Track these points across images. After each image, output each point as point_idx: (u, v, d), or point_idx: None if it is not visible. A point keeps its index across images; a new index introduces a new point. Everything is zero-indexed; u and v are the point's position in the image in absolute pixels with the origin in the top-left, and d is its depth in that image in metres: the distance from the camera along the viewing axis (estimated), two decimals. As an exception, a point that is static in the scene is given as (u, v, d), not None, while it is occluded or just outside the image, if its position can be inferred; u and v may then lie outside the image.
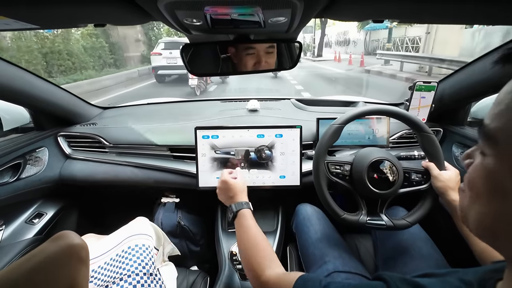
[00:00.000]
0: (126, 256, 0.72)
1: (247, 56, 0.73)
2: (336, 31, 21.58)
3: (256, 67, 0.75)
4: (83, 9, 0.47)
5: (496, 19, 0.62)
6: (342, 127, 0.77)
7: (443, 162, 0.75)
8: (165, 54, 7.95)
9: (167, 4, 0.40)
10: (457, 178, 0.72)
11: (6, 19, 0.46)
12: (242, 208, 0.70)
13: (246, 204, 0.71)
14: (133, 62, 11.98)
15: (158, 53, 8.02)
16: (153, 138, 1.09)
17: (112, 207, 1.40)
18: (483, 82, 0.89)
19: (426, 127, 0.75)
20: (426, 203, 0.76)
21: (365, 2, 0.45)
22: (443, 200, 0.71)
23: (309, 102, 1.35)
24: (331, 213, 0.76)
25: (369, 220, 0.75)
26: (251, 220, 0.67)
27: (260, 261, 0.57)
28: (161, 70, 8.09)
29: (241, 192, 0.75)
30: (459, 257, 0.78)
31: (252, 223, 0.66)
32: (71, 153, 1.14)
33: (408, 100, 1.09)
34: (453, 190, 0.69)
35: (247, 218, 0.67)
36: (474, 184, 0.29)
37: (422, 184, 0.76)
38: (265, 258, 0.57)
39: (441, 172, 0.72)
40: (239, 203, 0.71)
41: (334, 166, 0.78)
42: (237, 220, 0.69)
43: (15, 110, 1.07)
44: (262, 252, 0.59)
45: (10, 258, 0.90)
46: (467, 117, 1.08)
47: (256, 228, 0.65)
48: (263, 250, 0.60)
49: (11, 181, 0.94)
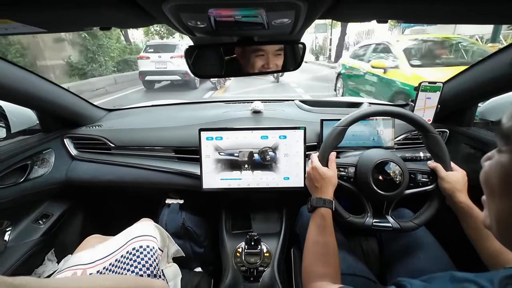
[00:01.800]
0: (131, 257, 0.72)
1: (257, 57, 0.73)
2: (356, 30, 17.23)
3: (263, 69, 0.75)
4: (89, 12, 0.47)
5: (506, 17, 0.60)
6: (345, 129, 0.76)
7: (450, 163, 0.74)
8: (154, 57, 7.29)
9: (172, 7, 0.40)
10: (465, 179, 0.70)
11: (15, 23, 0.47)
12: (321, 206, 0.65)
13: (329, 202, 0.66)
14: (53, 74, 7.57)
15: (145, 57, 7.37)
16: (157, 140, 1.10)
17: (117, 208, 1.41)
18: (490, 82, 0.87)
19: (431, 127, 0.74)
20: (432, 205, 0.75)
21: (369, 2, 0.45)
22: (450, 202, 0.70)
23: (313, 103, 1.35)
24: (336, 216, 0.76)
25: (375, 222, 0.74)
26: (328, 223, 0.63)
27: (325, 272, 0.55)
28: (149, 76, 7.42)
29: (328, 185, 0.69)
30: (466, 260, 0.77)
31: (329, 227, 0.63)
32: (77, 154, 1.15)
33: (413, 100, 1.09)
34: (460, 192, 0.67)
35: (326, 219, 0.63)
36: (489, 180, 0.30)
37: (428, 185, 0.75)
38: (330, 270, 0.56)
39: (448, 173, 0.71)
40: (319, 199, 0.66)
41: (339, 169, 0.77)
42: (314, 217, 0.66)
43: (23, 112, 1.09)
44: (330, 264, 0.57)
45: (17, 258, 0.91)
46: (474, 118, 1.07)
47: (331, 234, 0.62)
48: (332, 262, 0.58)
49: (19, 182, 0.95)
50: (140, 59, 7.53)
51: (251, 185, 0.96)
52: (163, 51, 7.32)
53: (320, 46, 16.18)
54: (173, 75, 7.27)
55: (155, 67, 7.27)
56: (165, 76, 7.44)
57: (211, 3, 0.41)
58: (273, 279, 0.86)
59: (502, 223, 0.29)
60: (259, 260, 0.89)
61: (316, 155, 0.75)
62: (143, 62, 7.40)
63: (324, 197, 0.67)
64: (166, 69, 7.23)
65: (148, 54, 7.42)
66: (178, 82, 7.58)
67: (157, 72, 7.32)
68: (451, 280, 0.36)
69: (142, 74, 7.42)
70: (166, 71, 7.26)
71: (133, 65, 9.93)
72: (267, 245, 0.95)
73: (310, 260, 0.59)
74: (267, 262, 0.90)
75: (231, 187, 0.97)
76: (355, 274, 0.72)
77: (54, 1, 0.41)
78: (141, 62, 7.45)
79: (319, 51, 15.94)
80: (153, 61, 7.28)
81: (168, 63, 7.22)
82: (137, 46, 12.38)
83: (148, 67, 7.31)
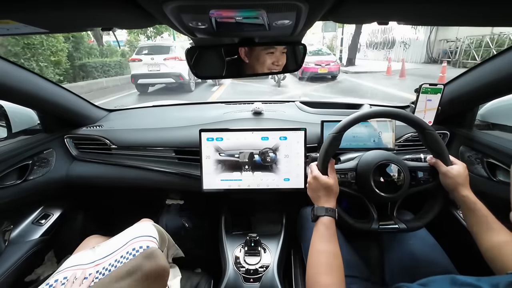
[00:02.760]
0: (130, 258, 0.72)
1: (267, 55, 0.74)
2: (370, 29, 15.25)
3: (273, 66, 0.76)
4: (91, 13, 0.47)
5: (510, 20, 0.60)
6: (340, 135, 0.75)
7: (449, 157, 0.73)
8: (146, 60, 6.93)
9: (173, 8, 0.40)
10: (466, 172, 0.70)
11: (17, 23, 0.47)
12: (323, 215, 0.65)
13: (331, 211, 0.65)
14: None
15: (137, 59, 7.00)
16: (158, 140, 1.10)
17: (117, 208, 1.41)
18: (491, 85, 0.87)
19: (426, 124, 0.74)
20: (436, 202, 0.75)
21: (371, 4, 0.45)
22: (454, 197, 0.70)
23: (314, 104, 1.35)
24: (341, 222, 0.75)
25: (381, 225, 0.74)
26: (332, 231, 0.63)
27: (330, 283, 0.54)
28: (142, 79, 7.03)
29: (329, 193, 0.68)
30: (467, 263, 0.76)
31: (332, 236, 0.62)
32: (78, 154, 1.15)
33: (414, 102, 1.08)
34: (463, 186, 0.67)
35: (328, 228, 0.63)
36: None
37: (430, 182, 0.75)
38: (334, 281, 0.55)
39: (448, 168, 0.70)
40: (321, 208, 0.66)
41: (339, 175, 0.76)
42: (317, 226, 0.65)
43: (24, 112, 1.09)
44: (335, 276, 0.57)
45: (17, 258, 0.91)
46: (475, 120, 1.07)
47: (335, 244, 0.61)
48: (336, 273, 0.57)
49: (19, 182, 0.95)
50: (132, 61, 7.17)
51: (252, 186, 0.96)
52: (156, 53, 7.02)
53: (328, 47, 14.39)
54: (167, 77, 7.03)
55: (148, 70, 6.96)
56: (158, 79, 7.14)
57: (212, 4, 0.41)
58: (273, 280, 0.85)
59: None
60: (259, 261, 0.89)
61: (315, 164, 0.74)
62: (135, 65, 7.03)
63: (327, 205, 0.66)
64: (159, 71, 6.93)
65: (140, 56, 7.08)
66: (172, 85, 7.32)
67: (150, 75, 7.01)
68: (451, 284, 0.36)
69: (135, 77, 7.06)
70: (159, 74, 6.96)
71: (102, 70, 8.75)
72: (267, 246, 0.95)
73: (313, 270, 0.58)
74: (267, 263, 0.89)
75: (231, 188, 0.97)
76: (355, 276, 0.72)
77: (55, 2, 0.41)
78: (133, 65, 7.08)
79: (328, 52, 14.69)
80: (146, 63, 6.94)
81: (161, 65, 6.93)
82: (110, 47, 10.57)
83: (141, 70, 6.97)
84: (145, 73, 6.99)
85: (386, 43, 14.20)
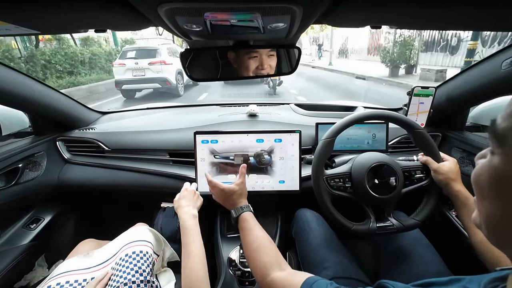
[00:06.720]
0: (123, 264, 0.71)
1: (250, 59, 0.74)
2: None
3: (258, 70, 0.75)
4: (84, 14, 0.47)
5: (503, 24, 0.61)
6: (332, 140, 0.77)
7: (439, 154, 0.76)
8: (130, 64, 6.45)
9: (168, 10, 0.40)
10: (457, 167, 0.72)
11: (8, 24, 0.46)
12: (242, 212, 0.69)
13: (246, 207, 0.71)
14: None
15: (121, 64, 6.52)
16: (152, 143, 1.09)
17: (111, 212, 1.39)
18: (482, 87, 0.89)
19: (415, 124, 0.77)
20: (431, 199, 0.76)
21: (365, 8, 0.46)
22: (447, 192, 0.72)
23: (308, 107, 1.36)
24: (339, 227, 0.76)
25: (378, 226, 0.75)
26: (252, 222, 0.67)
27: (266, 262, 0.57)
28: (126, 85, 6.54)
29: (237, 196, 0.73)
30: (460, 263, 0.77)
31: (254, 225, 0.66)
32: (70, 157, 1.13)
33: (407, 105, 1.10)
34: (454, 181, 0.69)
35: (248, 221, 0.67)
36: (480, 181, 0.29)
37: (423, 180, 0.77)
38: (270, 259, 0.57)
39: (439, 165, 0.73)
40: (238, 208, 0.71)
41: (334, 180, 0.77)
42: (239, 225, 0.69)
43: (14, 114, 1.07)
44: (266, 253, 0.59)
45: (7, 264, 0.88)
46: (466, 122, 1.09)
47: (259, 229, 0.65)
48: (267, 251, 0.60)
49: (9, 186, 0.93)
50: (115, 66, 6.67)
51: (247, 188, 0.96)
52: (142, 57, 6.54)
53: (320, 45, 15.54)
54: (153, 83, 6.58)
55: (132, 75, 6.48)
56: (144, 85, 6.68)
57: (207, 7, 0.41)
58: None
59: (492, 225, 0.29)
60: None
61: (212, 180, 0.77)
62: (118, 70, 6.52)
63: (239, 205, 0.71)
64: (144, 76, 6.47)
65: (124, 60, 6.57)
66: (160, 89, 6.85)
67: (134, 80, 6.50)
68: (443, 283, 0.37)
69: (118, 83, 6.55)
70: (144, 79, 6.49)
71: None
72: None
73: (252, 260, 0.61)
74: None
75: None
76: (350, 277, 0.72)
77: (47, 3, 0.41)
78: (117, 70, 6.56)
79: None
80: (130, 68, 6.44)
81: (146, 70, 6.47)
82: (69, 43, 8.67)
83: (125, 75, 6.47)
84: (129, 79, 6.51)
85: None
